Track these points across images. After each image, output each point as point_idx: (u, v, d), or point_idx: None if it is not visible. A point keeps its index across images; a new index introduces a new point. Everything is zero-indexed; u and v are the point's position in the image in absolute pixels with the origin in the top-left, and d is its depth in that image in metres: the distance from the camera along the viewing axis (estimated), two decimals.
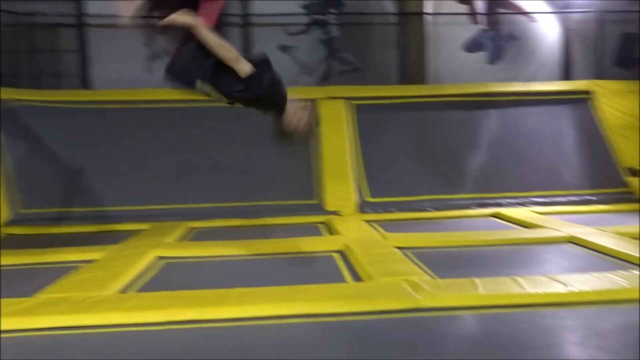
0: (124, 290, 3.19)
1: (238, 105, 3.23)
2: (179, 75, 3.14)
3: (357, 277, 3.38)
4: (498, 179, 6.45)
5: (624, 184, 6.42)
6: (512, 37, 7.88)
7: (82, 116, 6.42)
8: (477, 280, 2.98)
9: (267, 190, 6.06)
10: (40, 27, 7.24)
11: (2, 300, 2.79)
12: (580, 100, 7.10)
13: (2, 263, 3.99)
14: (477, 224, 5.30)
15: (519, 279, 3.01)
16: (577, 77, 7.72)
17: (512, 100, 7.03)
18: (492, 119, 6.93)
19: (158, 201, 5.93)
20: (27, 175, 5.83)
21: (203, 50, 2.98)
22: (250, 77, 3.00)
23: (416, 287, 2.90)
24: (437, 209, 5.97)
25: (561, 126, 6.97)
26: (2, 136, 5.97)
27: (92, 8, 7.43)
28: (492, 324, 2.54)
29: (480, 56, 7.90)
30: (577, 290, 2.83)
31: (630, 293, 2.82)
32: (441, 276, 3.31)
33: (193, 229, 5.36)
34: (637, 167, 6.48)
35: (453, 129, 6.80)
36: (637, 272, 3.12)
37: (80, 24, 7.48)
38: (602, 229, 4.50)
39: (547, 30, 7.92)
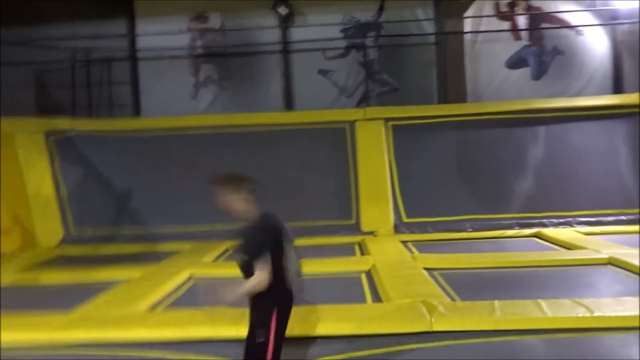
0: (153, 307, 3.33)
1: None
2: None
3: (377, 298, 3.38)
4: (542, 198, 6.24)
5: None
6: (557, 52, 7.67)
7: (131, 143, 6.78)
8: (497, 303, 2.92)
9: (307, 211, 6.14)
10: (96, 62, 7.75)
11: (37, 315, 3.00)
12: (630, 115, 6.79)
13: (49, 281, 4.27)
14: (516, 245, 5.16)
15: (542, 302, 2.92)
16: (629, 90, 7.39)
17: (557, 116, 6.82)
18: (535, 136, 6.74)
19: (200, 222, 6.13)
20: (79, 199, 6.21)
21: None
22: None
23: (432, 309, 2.87)
24: (477, 229, 5.84)
25: (610, 142, 6.68)
26: (58, 163, 6.40)
27: (142, 42, 7.89)
28: (507, 350, 2.48)
29: (523, 72, 7.73)
30: (600, 315, 2.71)
31: None
32: (464, 298, 3.26)
33: (231, 248, 5.50)
34: None
35: (494, 147, 6.67)
36: None
37: (132, 57, 7.95)
38: None
39: (595, 42, 7.66)
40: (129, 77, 7.95)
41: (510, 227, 5.89)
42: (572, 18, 7.63)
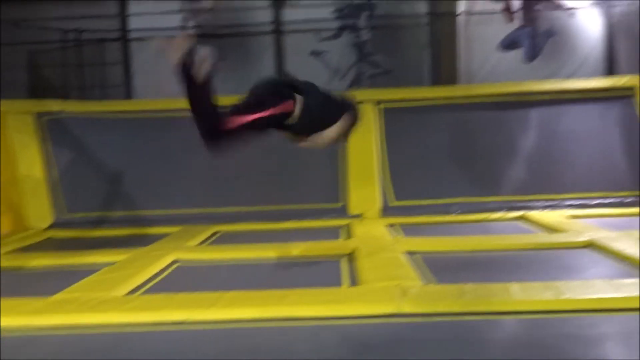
0: (133, 292, 3.39)
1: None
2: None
3: (354, 282, 3.43)
4: (531, 181, 6.26)
5: None
6: (551, 33, 7.58)
7: (123, 125, 6.80)
8: (467, 286, 2.96)
9: (294, 193, 6.19)
10: (88, 42, 7.73)
11: (19, 300, 3.06)
12: (622, 97, 6.75)
13: (36, 264, 4.34)
14: (500, 228, 5.19)
15: (512, 284, 2.97)
16: (622, 73, 7.34)
17: (549, 98, 6.79)
18: (527, 119, 6.72)
19: (189, 205, 6.20)
20: (71, 182, 6.26)
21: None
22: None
23: (404, 292, 2.92)
24: (465, 212, 5.88)
25: (602, 124, 6.66)
26: (50, 145, 6.43)
27: (134, 23, 7.86)
28: (468, 331, 2.53)
29: (516, 54, 7.66)
30: (568, 298, 2.76)
31: (627, 302, 2.71)
32: (440, 281, 3.31)
33: (218, 232, 5.56)
34: None
35: (485, 130, 6.66)
36: None
37: (123, 37, 7.92)
38: (630, 233, 4.31)
39: (589, 24, 7.60)
40: (121, 58, 7.94)
41: (499, 209, 5.92)
42: None
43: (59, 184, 6.25)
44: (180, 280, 3.72)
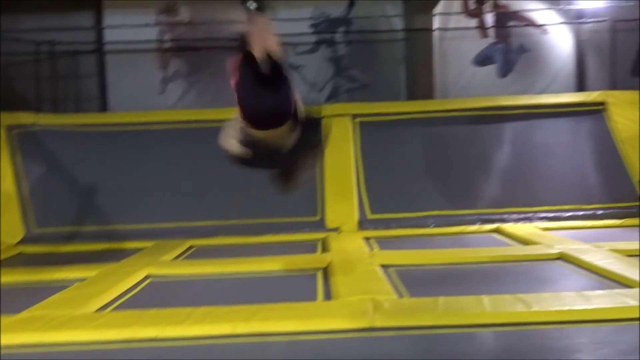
0: (103, 309, 3.32)
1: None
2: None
3: (328, 296, 3.42)
4: (505, 194, 6.34)
5: (638, 198, 6.21)
6: (523, 50, 7.78)
7: (96, 138, 6.71)
8: (440, 299, 2.97)
9: (271, 207, 6.15)
10: (61, 55, 7.63)
11: None
12: (593, 112, 6.91)
13: (5, 281, 4.21)
14: (474, 241, 5.24)
15: (484, 297, 2.99)
16: (592, 88, 7.53)
17: (522, 113, 6.92)
18: (501, 133, 6.83)
19: (165, 219, 6.12)
20: (41, 196, 6.14)
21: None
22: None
23: (377, 306, 2.91)
24: (440, 225, 5.92)
25: (574, 139, 6.80)
26: (21, 158, 6.31)
27: (109, 35, 7.79)
28: (440, 344, 2.53)
29: (490, 70, 7.82)
30: (538, 310, 2.78)
31: (595, 313, 2.75)
32: (413, 295, 3.32)
33: (193, 246, 5.50)
34: None
35: (460, 144, 6.75)
36: (616, 291, 3.06)
37: (99, 50, 7.85)
38: (600, 245, 4.38)
39: (560, 41, 7.78)
40: (96, 70, 7.86)
41: (474, 222, 5.98)
42: (538, 17, 7.74)
43: (29, 198, 6.12)
44: (153, 296, 3.66)
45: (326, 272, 4.02)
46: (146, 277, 4.10)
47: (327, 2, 7.79)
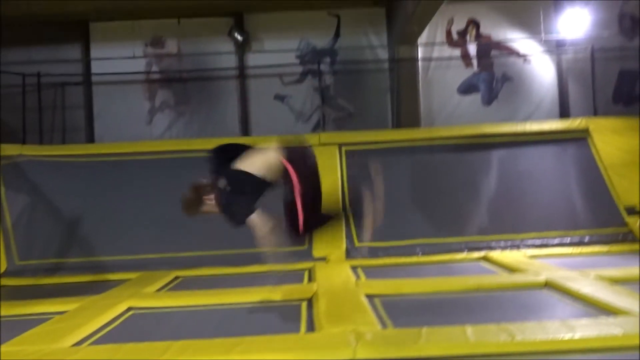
0: (80, 343, 3.25)
1: None
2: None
3: (311, 327, 3.37)
4: (492, 222, 6.35)
5: (624, 224, 6.23)
6: (506, 78, 7.92)
7: (81, 169, 6.67)
8: (424, 330, 2.93)
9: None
10: (48, 87, 7.66)
11: None
12: (577, 139, 6.99)
13: None
14: (461, 269, 5.21)
15: (468, 327, 2.95)
16: (575, 115, 7.64)
17: (506, 141, 6.97)
18: (486, 161, 6.87)
19: (151, 250, 6.05)
20: (24, 228, 6.06)
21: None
22: None
23: (359, 337, 2.87)
24: (428, 253, 5.89)
25: (558, 166, 6.85)
26: (3, 190, 6.24)
27: (97, 67, 7.85)
28: None
29: (474, 98, 7.94)
30: (521, 340, 2.75)
31: (579, 343, 2.72)
32: (398, 325, 3.27)
33: (179, 277, 5.42)
34: (637, 206, 6.29)
35: (445, 171, 6.77)
36: (601, 319, 3.03)
37: (86, 81, 7.89)
38: (587, 272, 4.37)
39: (542, 70, 7.93)
40: (83, 101, 7.89)
41: (460, 250, 5.96)
42: (520, 46, 7.91)
43: (11, 231, 6.04)
44: (133, 329, 3.58)
45: (311, 302, 3.96)
46: (128, 309, 4.02)
47: (313, 34, 7.92)
